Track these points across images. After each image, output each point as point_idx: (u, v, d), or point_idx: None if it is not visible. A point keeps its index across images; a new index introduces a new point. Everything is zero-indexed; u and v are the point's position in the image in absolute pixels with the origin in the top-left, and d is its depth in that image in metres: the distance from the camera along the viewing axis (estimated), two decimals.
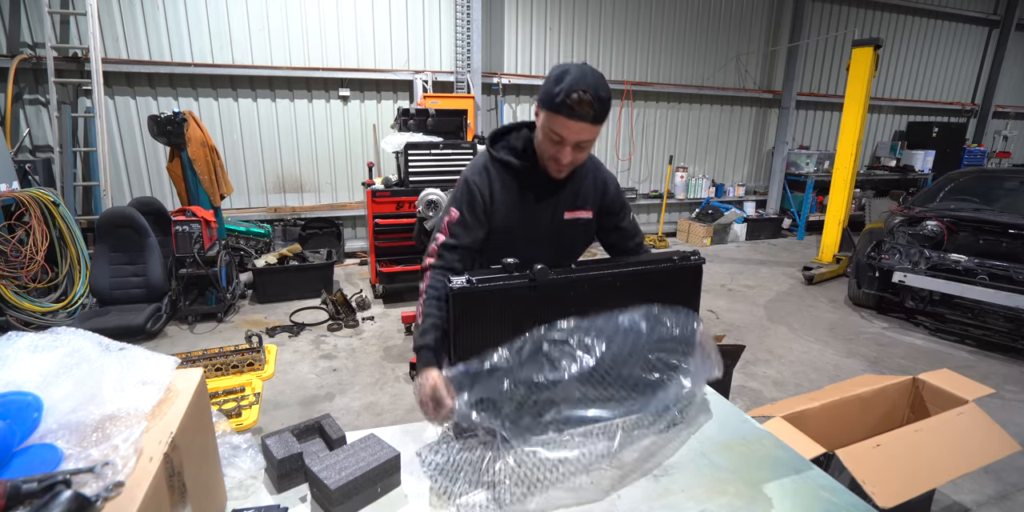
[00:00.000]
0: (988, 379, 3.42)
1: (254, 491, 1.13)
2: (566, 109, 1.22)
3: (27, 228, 3.92)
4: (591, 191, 1.51)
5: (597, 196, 1.52)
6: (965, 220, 4.37)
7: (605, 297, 1.32)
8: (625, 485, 1.15)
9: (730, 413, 1.45)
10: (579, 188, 1.49)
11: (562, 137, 1.28)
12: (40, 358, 0.79)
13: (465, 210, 1.40)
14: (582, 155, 1.35)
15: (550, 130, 1.29)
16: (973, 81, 10.10)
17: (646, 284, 1.37)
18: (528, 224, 1.46)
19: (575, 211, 1.48)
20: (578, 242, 1.55)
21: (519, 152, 1.44)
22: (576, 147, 1.30)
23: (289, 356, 3.67)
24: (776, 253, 7.04)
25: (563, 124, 1.25)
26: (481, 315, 1.23)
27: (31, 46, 4.87)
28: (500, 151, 1.45)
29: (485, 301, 1.22)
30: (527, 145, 1.43)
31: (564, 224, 1.48)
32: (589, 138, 1.30)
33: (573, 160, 1.33)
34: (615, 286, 1.33)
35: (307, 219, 5.96)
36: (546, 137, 1.32)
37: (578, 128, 1.25)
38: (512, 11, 6.46)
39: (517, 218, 1.44)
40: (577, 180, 1.48)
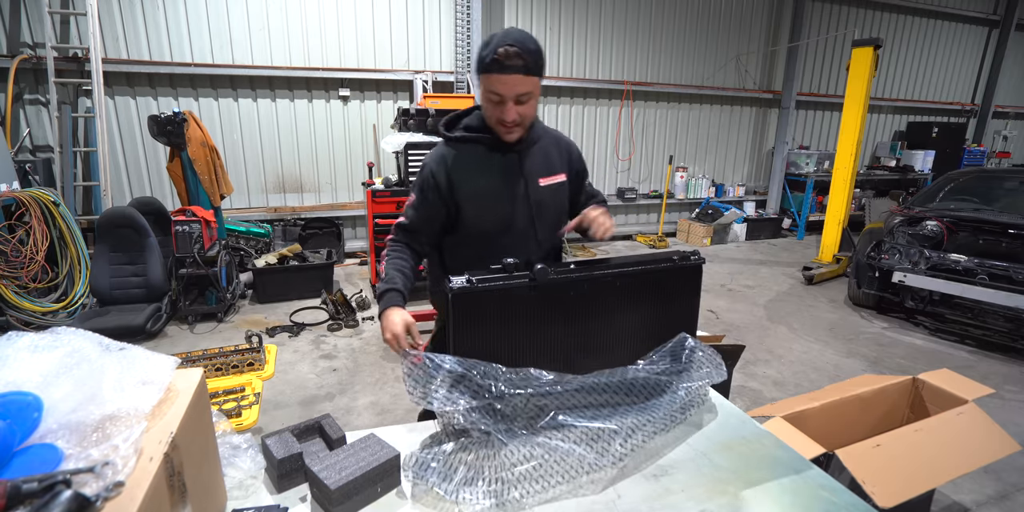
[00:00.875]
0: (988, 379, 3.42)
1: (254, 491, 1.13)
2: (496, 65, 1.26)
3: (27, 228, 3.92)
4: (557, 155, 1.54)
5: (565, 158, 1.55)
6: (965, 220, 4.37)
7: (605, 297, 1.32)
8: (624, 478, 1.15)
9: (730, 413, 1.45)
10: (547, 155, 1.51)
11: (500, 94, 1.30)
12: (40, 358, 0.79)
13: (417, 193, 1.49)
14: (526, 109, 1.35)
15: (488, 91, 1.32)
16: (973, 81, 10.10)
17: (646, 284, 1.37)
18: (499, 195, 1.46)
19: (549, 177, 1.50)
20: (560, 207, 1.57)
21: (475, 128, 1.47)
22: (517, 103, 1.32)
23: (289, 356, 3.67)
24: (776, 253, 7.04)
25: (497, 81, 1.28)
26: (481, 315, 1.22)
27: (31, 46, 4.87)
28: (455, 131, 1.49)
29: (484, 301, 1.21)
30: (481, 121, 1.46)
31: (542, 192, 1.49)
32: (527, 90, 1.31)
33: (518, 118, 1.34)
34: (615, 286, 1.32)
35: (307, 219, 5.96)
36: (487, 100, 1.35)
37: (512, 81, 1.28)
38: (512, 11, 6.47)
39: (486, 190, 1.45)
40: (543, 148, 1.51)
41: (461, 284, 1.18)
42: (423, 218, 1.51)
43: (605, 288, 1.32)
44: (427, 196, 1.48)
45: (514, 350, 1.26)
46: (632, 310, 1.37)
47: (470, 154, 1.47)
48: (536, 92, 1.35)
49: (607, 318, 1.34)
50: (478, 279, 1.20)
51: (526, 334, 1.27)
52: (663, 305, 1.41)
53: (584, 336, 1.33)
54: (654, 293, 1.38)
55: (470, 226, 1.50)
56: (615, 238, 7.58)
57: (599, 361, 1.33)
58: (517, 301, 1.25)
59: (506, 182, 1.46)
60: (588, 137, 7.34)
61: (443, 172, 1.45)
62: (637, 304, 1.37)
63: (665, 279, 1.40)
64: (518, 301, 1.25)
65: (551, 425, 1.18)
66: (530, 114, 1.38)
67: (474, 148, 1.46)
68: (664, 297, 1.40)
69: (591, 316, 1.32)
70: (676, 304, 1.43)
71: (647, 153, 7.82)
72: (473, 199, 1.47)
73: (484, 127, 1.45)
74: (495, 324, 1.24)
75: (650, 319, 1.39)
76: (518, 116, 1.34)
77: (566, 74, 6.93)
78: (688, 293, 1.44)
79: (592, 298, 1.31)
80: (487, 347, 1.23)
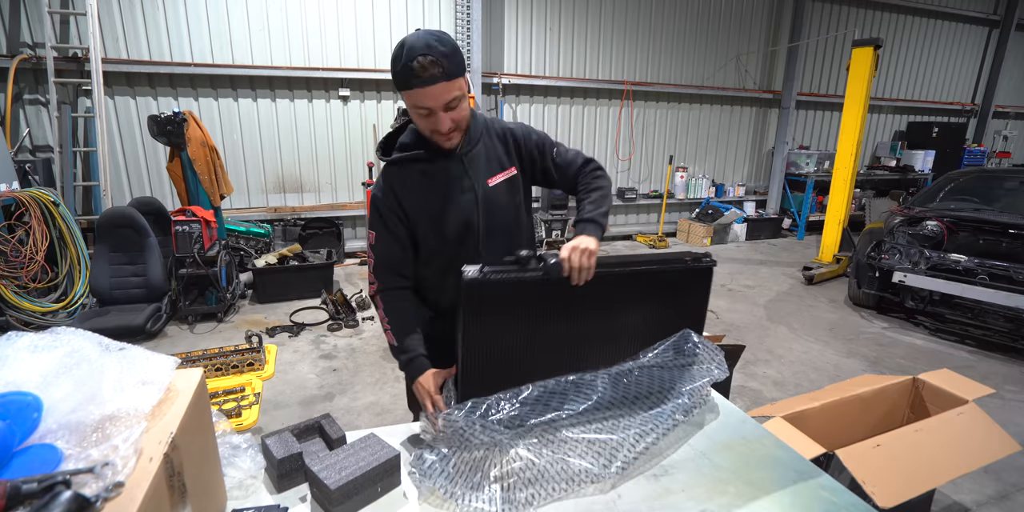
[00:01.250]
0: (988, 379, 3.42)
1: (254, 491, 1.13)
2: (416, 80, 1.19)
3: (27, 228, 3.92)
4: (499, 148, 1.45)
5: (509, 149, 1.46)
6: (965, 220, 4.37)
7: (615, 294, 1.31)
8: (624, 478, 1.15)
9: (730, 413, 1.45)
10: (488, 152, 1.43)
11: (429, 107, 1.24)
12: (40, 358, 0.79)
13: (377, 228, 1.43)
14: (459, 114, 1.29)
15: (415, 106, 1.26)
16: (973, 81, 10.10)
17: (656, 283, 1.36)
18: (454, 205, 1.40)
19: (496, 176, 1.43)
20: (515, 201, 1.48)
21: (411, 145, 1.41)
22: (448, 109, 1.26)
23: (289, 356, 3.67)
24: (776, 253, 7.04)
25: (420, 95, 1.22)
26: (491, 306, 1.21)
27: (31, 46, 4.87)
28: (392, 154, 1.42)
29: (496, 292, 1.20)
30: (417, 136, 1.40)
31: (491, 191, 1.42)
32: (454, 95, 1.24)
33: (453, 124, 1.29)
34: (626, 283, 1.32)
35: (307, 219, 5.96)
36: (417, 115, 1.29)
37: (436, 92, 1.21)
38: (512, 11, 6.46)
39: (439, 204, 1.40)
40: (486, 146, 1.43)
41: (474, 274, 1.17)
42: (393, 251, 1.44)
43: (616, 285, 1.30)
44: (388, 226, 1.41)
45: (521, 343, 1.26)
46: (641, 309, 1.36)
47: (412, 172, 1.41)
48: (464, 92, 1.28)
49: (615, 315, 1.34)
50: (491, 270, 1.18)
51: (534, 328, 1.26)
52: (672, 306, 1.40)
53: (591, 332, 1.32)
54: (664, 293, 1.37)
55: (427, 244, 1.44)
56: (615, 238, 7.58)
57: (605, 357, 1.33)
58: (528, 294, 1.23)
59: (453, 191, 1.40)
60: (588, 137, 7.34)
61: (392, 198, 1.40)
62: (646, 303, 1.36)
63: (676, 280, 1.39)
64: (529, 294, 1.23)
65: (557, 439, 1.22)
66: (464, 116, 1.32)
67: (414, 166, 1.40)
68: (673, 298, 1.39)
69: (599, 312, 1.31)
70: (684, 305, 1.42)
71: (647, 153, 7.81)
72: (424, 216, 1.42)
73: (420, 141, 1.39)
74: (505, 316, 1.23)
75: (658, 319, 1.38)
76: (452, 123, 1.29)
77: (566, 74, 6.93)
78: (697, 295, 1.43)
79: (602, 294, 1.29)
80: (495, 339, 1.23)
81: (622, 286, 1.31)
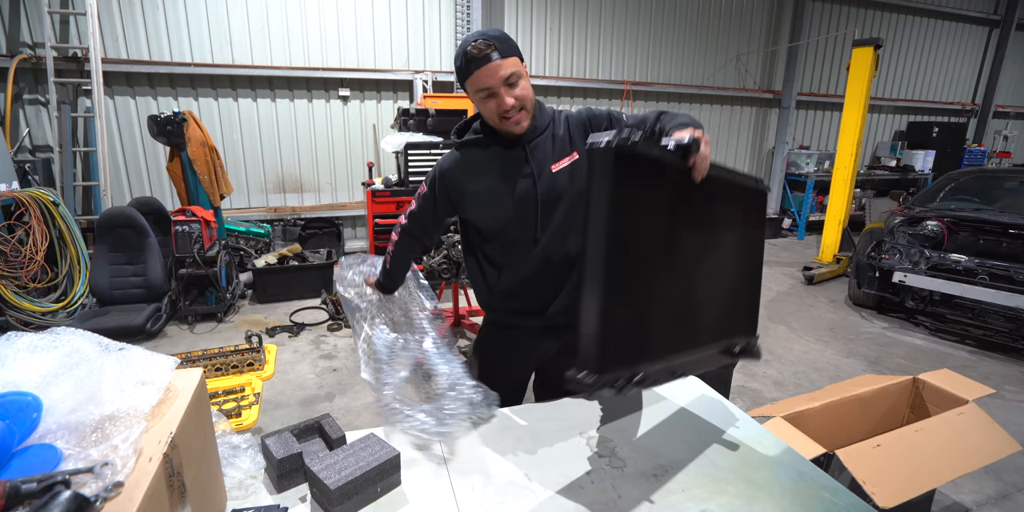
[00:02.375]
0: (988, 379, 3.42)
1: (254, 491, 1.13)
2: (473, 62, 1.28)
3: (27, 228, 3.91)
4: (564, 135, 1.46)
5: (575, 133, 1.47)
6: (965, 220, 4.37)
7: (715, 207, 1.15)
8: (624, 478, 1.15)
9: (730, 413, 1.45)
10: (554, 139, 1.46)
11: (488, 87, 1.30)
12: (40, 358, 0.79)
13: (428, 189, 1.55)
14: (521, 92, 1.33)
15: (477, 92, 1.33)
16: (973, 81, 10.10)
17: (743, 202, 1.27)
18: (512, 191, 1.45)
19: (560, 161, 1.45)
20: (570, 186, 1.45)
21: (483, 131, 1.47)
22: (508, 86, 1.31)
23: (289, 356, 3.67)
24: (776, 253, 7.03)
25: (479, 76, 1.29)
26: (633, 189, 0.92)
27: (31, 46, 4.87)
28: (466, 135, 1.50)
29: (638, 170, 0.92)
30: (488, 127, 1.46)
31: (554, 177, 1.45)
32: (511, 71, 1.30)
33: (517, 102, 1.33)
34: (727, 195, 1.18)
35: (307, 219, 5.96)
36: (481, 102, 1.35)
37: (492, 69, 1.28)
38: (512, 11, 6.46)
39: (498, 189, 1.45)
40: (548, 135, 1.46)
41: (620, 139, 0.86)
42: (426, 212, 1.59)
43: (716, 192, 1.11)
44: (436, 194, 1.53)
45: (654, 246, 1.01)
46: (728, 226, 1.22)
47: (477, 156, 1.48)
48: (523, 72, 1.34)
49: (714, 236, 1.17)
50: (637, 136, 0.88)
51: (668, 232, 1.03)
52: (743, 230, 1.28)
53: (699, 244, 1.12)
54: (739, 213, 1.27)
55: (486, 226, 1.53)
56: None
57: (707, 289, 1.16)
58: (660, 182, 1.00)
59: (509, 179, 1.45)
60: None
61: (453, 172, 1.50)
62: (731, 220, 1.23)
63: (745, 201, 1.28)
64: (660, 182, 1.00)
65: None
66: (528, 96, 1.35)
67: (480, 152, 1.47)
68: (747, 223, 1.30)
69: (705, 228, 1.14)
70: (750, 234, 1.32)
71: None
72: (481, 199, 1.49)
73: (489, 132, 1.45)
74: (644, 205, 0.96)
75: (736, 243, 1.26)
76: (516, 100, 1.32)
77: (566, 74, 6.93)
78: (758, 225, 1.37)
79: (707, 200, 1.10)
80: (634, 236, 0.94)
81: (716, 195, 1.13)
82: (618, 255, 0.89)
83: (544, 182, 1.43)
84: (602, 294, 0.87)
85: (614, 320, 0.89)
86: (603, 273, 0.87)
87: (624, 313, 0.93)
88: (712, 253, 1.17)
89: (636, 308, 0.97)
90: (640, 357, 0.97)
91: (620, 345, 0.93)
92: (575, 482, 1.16)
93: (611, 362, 0.89)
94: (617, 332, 0.91)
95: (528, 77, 1.37)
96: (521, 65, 1.34)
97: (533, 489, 1.14)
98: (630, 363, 0.94)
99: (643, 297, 0.99)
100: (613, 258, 0.88)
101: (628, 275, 0.92)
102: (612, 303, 0.89)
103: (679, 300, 1.08)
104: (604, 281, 0.87)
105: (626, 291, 0.93)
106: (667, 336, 1.05)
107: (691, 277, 1.10)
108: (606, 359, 0.88)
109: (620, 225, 0.88)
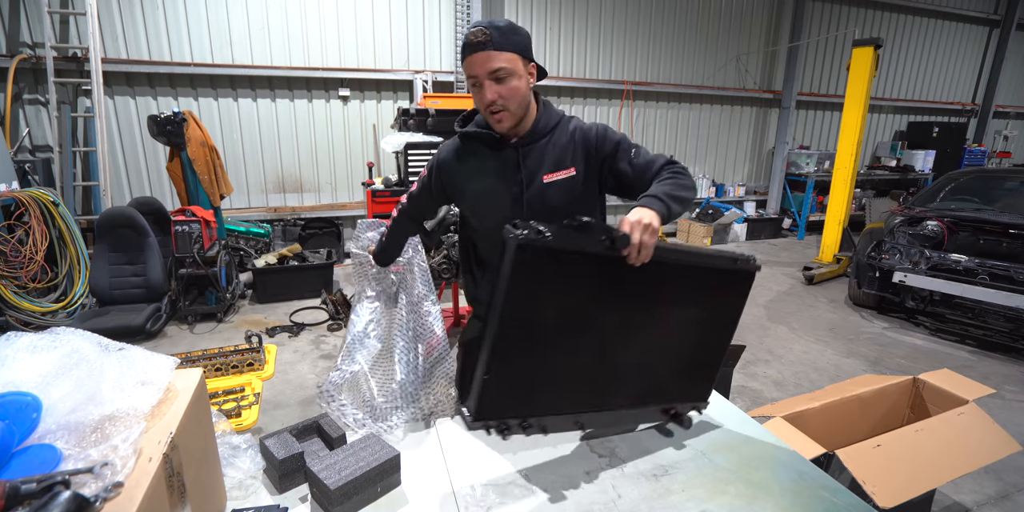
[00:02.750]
0: (988, 379, 3.42)
1: (254, 491, 1.13)
2: (468, 47, 1.27)
3: (27, 228, 3.91)
4: (570, 148, 1.41)
5: (579, 149, 1.41)
6: (965, 220, 4.37)
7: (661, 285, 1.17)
8: (624, 478, 1.15)
9: (730, 413, 1.45)
10: (557, 148, 1.42)
11: (474, 75, 1.28)
12: (39, 358, 0.79)
13: (426, 175, 1.57)
14: (506, 90, 1.28)
15: (468, 77, 1.31)
16: (973, 81, 10.10)
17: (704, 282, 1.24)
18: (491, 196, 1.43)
19: (554, 173, 1.41)
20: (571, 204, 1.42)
21: (483, 124, 1.44)
22: (494, 80, 1.26)
23: (289, 356, 3.67)
24: (776, 253, 7.03)
25: (470, 63, 1.28)
26: (540, 276, 1.00)
27: (31, 46, 4.87)
28: (468, 126, 1.47)
29: (550, 260, 1.00)
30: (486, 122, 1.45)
31: (543, 188, 1.41)
32: (500, 66, 1.25)
33: (498, 99, 1.28)
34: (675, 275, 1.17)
35: (307, 219, 5.96)
36: (471, 90, 1.34)
37: (481, 59, 1.25)
38: (512, 11, 6.46)
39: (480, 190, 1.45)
40: (554, 141, 1.41)
41: (531, 235, 0.94)
42: (423, 196, 1.60)
43: (663, 276, 1.14)
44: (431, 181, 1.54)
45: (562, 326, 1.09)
46: (681, 307, 1.24)
47: (474, 152, 1.47)
48: (516, 70, 1.28)
49: (655, 310, 1.20)
50: (548, 229, 0.96)
51: (578, 310, 1.09)
52: (710, 309, 1.28)
53: (629, 325, 1.17)
54: (706, 293, 1.26)
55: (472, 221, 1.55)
56: None
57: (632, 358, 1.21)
58: (582, 268, 1.06)
59: (500, 182, 1.43)
60: None
61: (449, 162, 1.50)
62: (687, 302, 1.24)
63: (720, 280, 1.26)
64: (583, 268, 1.06)
65: None
66: (514, 96, 1.29)
67: (478, 146, 1.45)
68: (713, 300, 1.28)
69: (641, 305, 1.17)
70: (721, 311, 1.30)
71: None
72: (469, 199, 1.50)
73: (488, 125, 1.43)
74: (551, 290, 1.04)
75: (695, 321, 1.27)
76: (497, 96, 1.27)
77: (566, 74, 6.93)
78: (737, 301, 1.31)
79: (649, 284, 1.13)
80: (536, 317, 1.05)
81: (672, 277, 1.16)
82: (511, 328, 1.00)
83: (533, 191, 1.40)
84: (489, 357, 1.00)
85: (498, 379, 1.01)
86: (493, 340, 0.99)
87: (511, 374, 1.04)
88: (649, 330, 1.20)
89: (529, 370, 1.07)
90: (528, 410, 1.09)
91: (504, 398, 1.05)
92: (575, 482, 1.16)
93: (488, 411, 1.03)
94: (501, 388, 1.03)
95: (527, 77, 1.32)
96: (520, 62, 1.29)
97: (533, 489, 1.14)
98: (515, 413, 1.07)
99: (541, 362, 1.08)
100: (504, 330, 0.99)
101: (522, 345, 1.04)
102: (497, 365, 1.01)
103: (592, 368, 1.16)
104: (492, 347, 0.99)
105: (518, 356, 1.04)
106: (574, 395, 1.16)
107: (615, 349, 1.17)
108: (482, 408, 1.02)
109: (515, 306, 0.99)
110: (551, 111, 1.44)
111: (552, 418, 1.13)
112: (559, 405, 1.15)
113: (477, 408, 1.03)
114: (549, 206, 1.41)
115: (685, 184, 1.29)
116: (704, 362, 1.34)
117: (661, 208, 1.16)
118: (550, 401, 1.13)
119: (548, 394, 1.13)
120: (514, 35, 1.27)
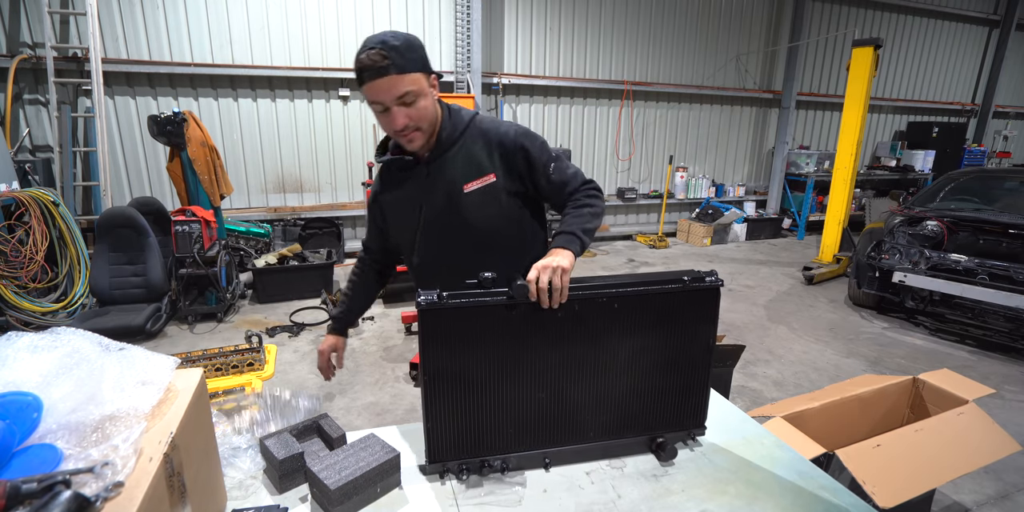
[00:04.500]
0: (988, 379, 3.42)
1: (254, 491, 1.13)
2: (365, 72, 1.17)
3: (27, 228, 3.92)
4: (481, 153, 1.35)
5: (494, 156, 1.35)
6: (965, 220, 4.37)
7: (601, 320, 1.17)
8: (624, 478, 1.15)
9: (730, 413, 1.45)
10: (468, 157, 1.35)
11: (380, 102, 1.20)
12: (40, 358, 0.79)
13: (368, 215, 1.57)
14: (416, 112, 1.23)
15: (371, 103, 1.23)
16: (973, 81, 10.10)
17: (651, 307, 1.18)
18: (423, 211, 1.38)
19: (472, 182, 1.34)
20: (489, 211, 1.36)
21: (397, 147, 1.39)
22: (401, 105, 1.20)
23: (289, 356, 3.67)
24: (776, 253, 7.04)
25: (371, 89, 1.18)
26: (451, 334, 1.09)
27: (31, 46, 4.87)
28: (384, 155, 1.41)
29: (456, 319, 1.08)
30: None
31: (465, 198, 1.34)
32: (407, 90, 1.19)
33: (409, 122, 1.23)
34: (612, 308, 1.16)
35: (307, 219, 5.96)
36: (377, 116, 1.27)
37: (385, 85, 1.17)
38: (512, 11, 6.47)
39: (409, 210, 1.40)
40: (466, 149, 1.35)
41: (431, 299, 1.06)
42: (374, 237, 1.59)
43: (600, 310, 1.15)
44: (373, 215, 1.55)
45: (494, 374, 1.13)
46: (634, 337, 1.19)
47: (393, 175, 1.43)
48: (422, 90, 1.22)
49: (603, 345, 1.18)
50: (449, 294, 1.07)
51: (507, 358, 1.13)
52: (671, 334, 1.22)
53: (576, 363, 1.17)
54: (660, 319, 1.20)
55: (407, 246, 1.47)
56: (615, 238, 7.59)
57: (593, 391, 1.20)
58: (495, 320, 1.11)
59: (423, 198, 1.37)
60: (588, 137, 7.35)
61: (377, 195, 1.49)
62: (640, 331, 1.19)
63: (674, 303, 1.19)
64: (496, 320, 1.11)
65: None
66: (425, 116, 1.25)
67: (395, 170, 1.41)
68: (672, 324, 1.21)
69: (584, 341, 1.16)
70: (686, 333, 1.23)
71: (647, 153, 7.81)
72: (398, 220, 1.47)
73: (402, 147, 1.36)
74: (469, 344, 1.10)
75: (655, 348, 1.22)
76: (408, 120, 1.22)
77: (566, 74, 6.93)
78: (702, 321, 1.23)
79: (585, 321, 1.15)
80: (461, 369, 1.12)
81: (610, 310, 1.16)
82: (439, 381, 1.11)
83: (455, 205, 1.34)
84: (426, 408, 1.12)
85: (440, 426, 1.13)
86: (424, 394, 1.11)
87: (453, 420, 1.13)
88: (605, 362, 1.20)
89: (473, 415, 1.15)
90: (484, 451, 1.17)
91: (455, 442, 1.15)
92: (575, 482, 1.16)
93: (443, 454, 1.15)
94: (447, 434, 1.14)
95: (432, 93, 1.27)
96: (423, 80, 1.22)
97: (533, 489, 1.14)
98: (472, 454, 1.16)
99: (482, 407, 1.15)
100: (433, 384, 1.11)
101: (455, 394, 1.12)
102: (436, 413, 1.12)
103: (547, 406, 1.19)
104: (426, 399, 1.11)
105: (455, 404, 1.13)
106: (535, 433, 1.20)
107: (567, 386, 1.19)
108: (433, 453, 1.15)
109: (436, 362, 1.10)
110: (456, 117, 1.36)
111: (515, 456, 1.19)
112: (523, 443, 1.19)
113: (428, 453, 1.15)
114: (476, 214, 1.35)
115: (597, 212, 1.34)
116: (687, 386, 1.26)
117: (576, 247, 1.22)
118: (507, 441, 1.18)
119: (502, 435, 1.18)
120: (412, 53, 1.20)
